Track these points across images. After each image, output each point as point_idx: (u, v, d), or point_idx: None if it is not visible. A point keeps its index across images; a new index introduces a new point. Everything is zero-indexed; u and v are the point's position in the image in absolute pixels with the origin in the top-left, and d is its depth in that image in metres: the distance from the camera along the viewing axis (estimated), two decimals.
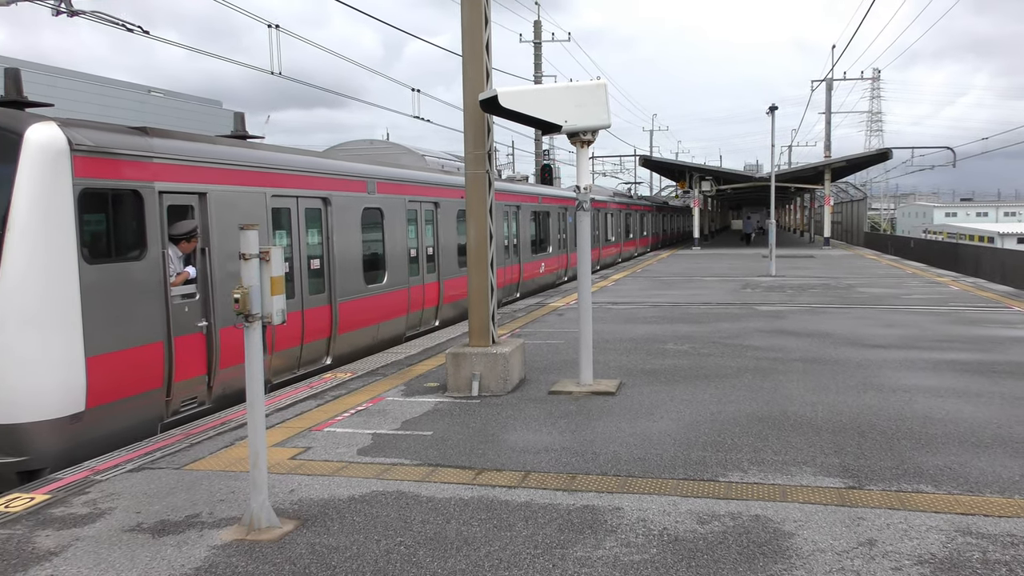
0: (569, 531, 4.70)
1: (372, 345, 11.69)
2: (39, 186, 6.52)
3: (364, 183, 11.59)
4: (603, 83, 8.16)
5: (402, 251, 12.70)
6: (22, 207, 6.43)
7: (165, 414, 7.79)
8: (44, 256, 6.52)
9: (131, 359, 7.27)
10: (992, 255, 31.71)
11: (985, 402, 7.58)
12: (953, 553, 4.30)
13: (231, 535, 4.74)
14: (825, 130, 49.12)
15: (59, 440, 6.60)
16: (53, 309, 6.57)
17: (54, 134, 6.69)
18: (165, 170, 7.74)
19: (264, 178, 9.24)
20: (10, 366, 6.34)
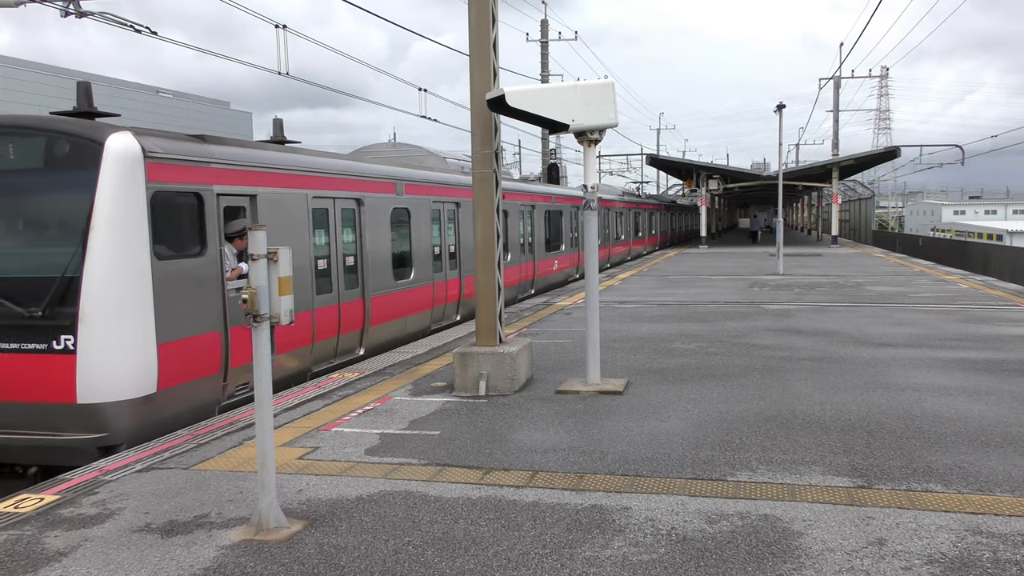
0: (577, 531, 4.69)
1: (400, 337, 12.27)
2: (118, 190, 7.14)
3: (393, 185, 12.26)
4: (610, 82, 8.15)
5: (427, 249, 13.36)
6: (103, 208, 7.06)
7: (222, 398, 8.38)
8: (122, 252, 7.15)
9: (194, 347, 7.89)
10: (1001, 253, 31.57)
11: (995, 401, 7.55)
12: (963, 553, 4.28)
13: (240, 535, 4.75)
14: (833, 128, 48.97)
15: (134, 419, 7.19)
16: (130, 300, 7.20)
17: (130, 143, 7.33)
18: (222, 174, 8.42)
19: (305, 181, 9.90)
20: (93, 352, 6.96)
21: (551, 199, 21.97)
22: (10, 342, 7.06)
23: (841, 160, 40.42)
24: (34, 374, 7.04)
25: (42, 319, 7.01)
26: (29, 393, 7.05)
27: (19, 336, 7.05)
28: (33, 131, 7.39)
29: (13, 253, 7.47)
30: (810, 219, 63.47)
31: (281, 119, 11.03)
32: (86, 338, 6.91)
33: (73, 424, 7.01)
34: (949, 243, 40.01)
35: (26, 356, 7.05)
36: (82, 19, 9.58)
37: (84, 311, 6.88)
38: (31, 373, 7.05)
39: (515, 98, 7.78)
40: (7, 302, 7.08)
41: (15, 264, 7.36)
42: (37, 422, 7.05)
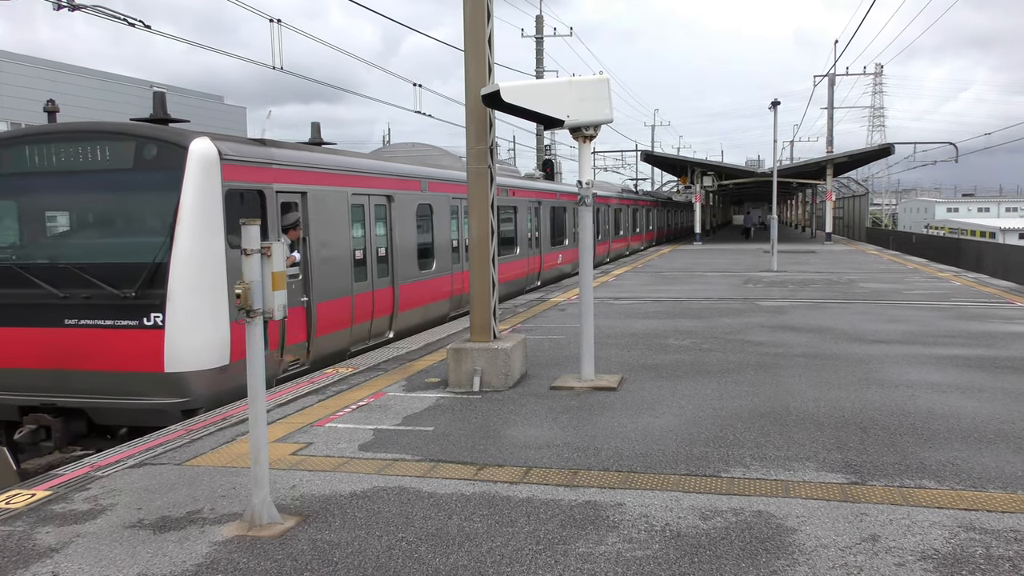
0: (571, 527, 4.69)
1: (423, 323, 13.26)
2: (199, 187, 8.14)
3: (418, 183, 13.31)
4: (605, 78, 8.13)
5: (447, 242, 14.43)
6: (188, 204, 8.04)
7: (278, 372, 9.30)
8: (203, 242, 8.16)
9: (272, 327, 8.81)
10: (994, 250, 31.67)
11: (988, 397, 7.57)
12: (956, 549, 4.29)
13: (233, 531, 4.73)
14: (827, 125, 49.06)
15: (211, 387, 8.17)
16: (209, 284, 8.19)
17: (209, 147, 8.36)
18: (279, 174, 9.45)
19: (345, 179, 10.94)
20: (179, 327, 7.96)
21: (556, 196, 22.74)
22: (106, 319, 8.06)
23: (835, 157, 40.49)
24: (127, 347, 8.04)
25: (134, 299, 7.99)
26: (122, 363, 8.04)
27: (114, 314, 8.05)
28: (125, 136, 8.36)
29: (109, 242, 8.50)
30: (804, 216, 63.59)
31: (318, 123, 11.89)
32: (173, 316, 7.89)
33: (160, 390, 7.99)
34: (943, 240, 40.13)
35: (120, 331, 8.06)
36: (73, 12, 9.53)
37: (171, 292, 7.84)
38: (124, 346, 8.04)
39: (510, 94, 7.75)
40: (104, 284, 8.03)
41: (110, 252, 8.35)
42: (129, 389, 8.07)
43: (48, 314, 8.20)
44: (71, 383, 8.16)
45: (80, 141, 8.39)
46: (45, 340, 8.22)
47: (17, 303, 8.28)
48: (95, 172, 8.33)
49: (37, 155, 8.45)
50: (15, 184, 8.60)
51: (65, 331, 8.16)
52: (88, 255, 8.33)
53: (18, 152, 8.52)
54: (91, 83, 44.27)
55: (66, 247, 8.64)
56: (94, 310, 8.10)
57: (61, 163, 8.39)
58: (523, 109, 7.95)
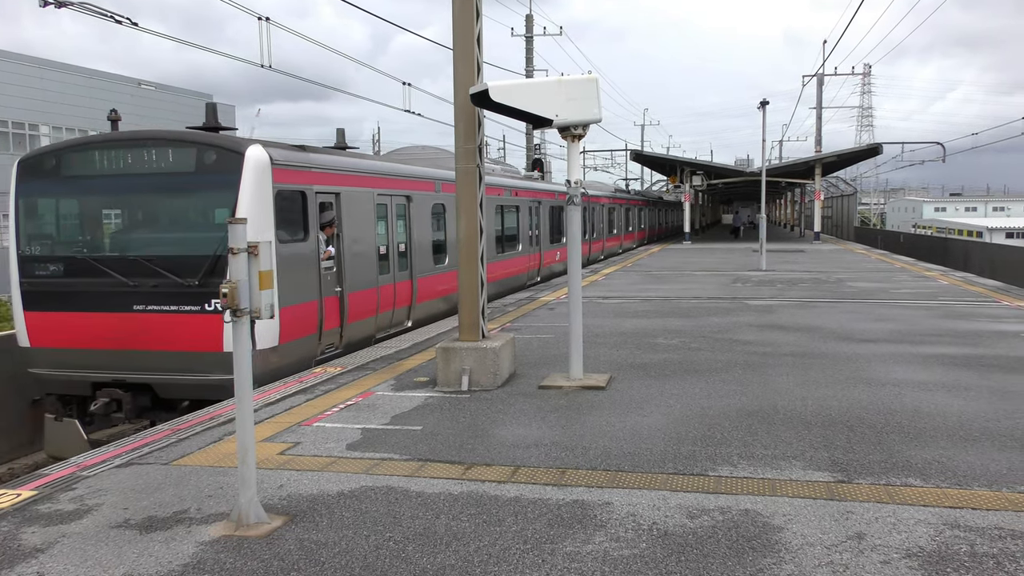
0: (559, 526, 4.69)
1: (437, 314, 14.14)
2: (255, 188, 9.12)
3: (433, 184, 14.23)
4: (594, 78, 8.13)
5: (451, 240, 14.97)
6: (244, 203, 8.98)
7: (316, 353, 10.29)
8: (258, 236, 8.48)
9: (301, 312, 9.88)
10: (981, 250, 31.90)
11: (974, 396, 7.61)
12: (941, 546, 4.31)
13: (219, 531, 4.71)
14: (816, 125, 49.24)
15: (264, 365, 9.04)
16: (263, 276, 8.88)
17: (262, 153, 9.35)
18: (318, 176, 10.37)
19: (371, 181, 11.94)
20: None
21: (554, 196, 23.70)
22: (171, 305, 9.06)
23: (824, 157, 40.64)
24: (190, 330, 9.04)
25: (197, 287, 8.97)
26: (186, 344, 9.04)
27: (179, 300, 9.05)
28: (188, 143, 9.36)
29: (174, 236, 9.42)
30: (793, 215, 63.83)
31: (343, 128, 12.70)
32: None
33: (219, 368, 8.79)
34: (930, 240, 40.35)
35: (184, 316, 9.07)
36: (60, 9, 9.46)
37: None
38: (188, 329, 9.04)
39: (499, 93, 7.75)
40: (171, 275, 9.02)
41: (176, 245, 9.26)
42: (191, 366, 9.06)
43: (118, 301, 9.20)
44: (138, 362, 9.20)
45: (146, 147, 9.38)
46: (115, 324, 9.23)
47: (90, 291, 9.29)
48: (161, 175, 9.31)
49: (107, 159, 9.43)
50: (88, 185, 9.58)
51: (134, 316, 9.19)
52: (155, 248, 9.30)
53: (89, 156, 9.55)
54: (78, 80, 43.97)
55: (135, 241, 9.58)
56: (161, 297, 9.12)
57: (129, 166, 9.37)
58: (512, 108, 7.94)
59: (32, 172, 9.72)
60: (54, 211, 10.09)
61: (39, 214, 10.05)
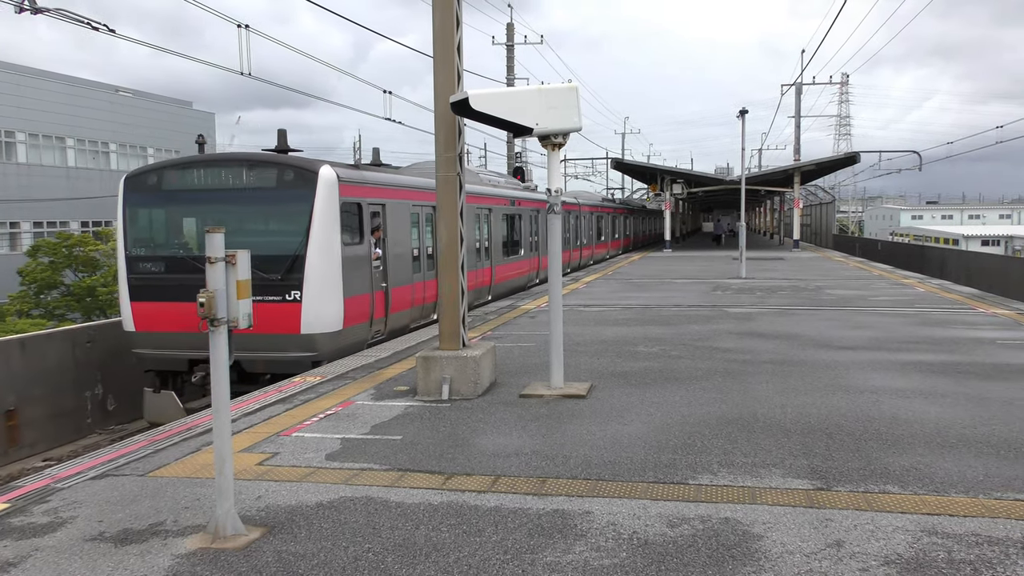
0: (539, 536, 4.68)
1: None
2: (326, 201, 11.11)
3: None
4: (574, 86, 8.16)
5: (472, 244, 17.14)
6: (318, 213, 11.01)
7: (368, 338, 12.21)
8: (327, 241, 11.10)
9: (358, 302, 11.82)
10: (957, 257, 32.23)
11: (950, 403, 7.68)
12: (919, 553, 4.34)
13: (196, 543, 4.66)
14: (795, 134, 49.68)
15: (330, 345, 11.13)
16: (331, 271, 11.16)
17: (331, 172, 11.34)
18: (369, 190, 12.31)
19: (407, 194, 13.98)
20: (311, 301, 10.92)
21: None
22: (258, 295, 10.06)
23: (802, 165, 40.95)
24: (273, 316, 10.77)
25: (279, 281, 10.86)
26: (269, 327, 10.59)
27: (263, 291, 10.53)
28: (271, 164, 11.42)
29: (262, 240, 11.19)
30: (773, 223, 64.25)
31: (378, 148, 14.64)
32: (307, 293, 10.56)
33: (296, 347, 10.89)
34: (907, 247, 40.76)
35: (268, 304, 10.79)
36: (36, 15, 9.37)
37: (307, 276, 10.38)
38: (271, 315, 10.72)
39: (479, 101, 7.75)
40: (257, 271, 10.19)
41: (261, 246, 10.65)
42: (275, 346, 10.92)
43: None
44: None
45: (235, 166, 11.42)
46: None
47: (188, 284, 10.64)
48: (247, 189, 11.29)
49: (202, 176, 11.40)
50: (185, 197, 11.55)
51: None
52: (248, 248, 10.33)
53: (187, 174, 11.54)
54: (54, 87, 43.56)
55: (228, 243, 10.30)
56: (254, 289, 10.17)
57: (221, 182, 11.38)
58: (492, 117, 7.95)
59: (136, 187, 11.72)
60: (155, 219, 12.01)
61: (143, 222, 11.98)
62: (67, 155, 44.22)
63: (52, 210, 41.58)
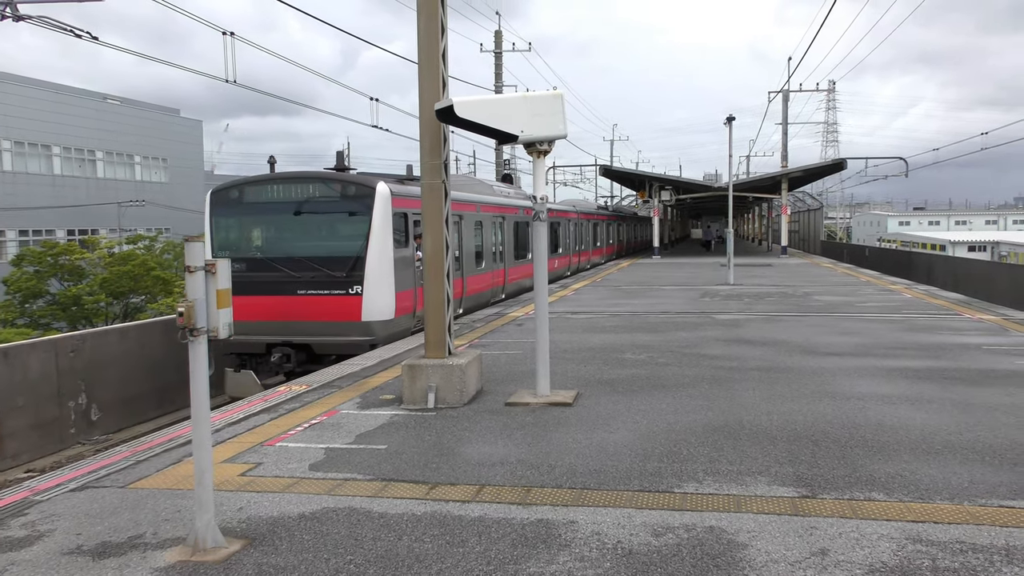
0: (522, 546, 4.63)
1: (477, 305, 18.34)
2: (382, 212, 13.10)
3: (475, 206, 18.53)
4: (560, 93, 8.14)
5: (490, 248, 19.52)
6: (376, 223, 13.00)
7: (411, 327, 14.00)
8: (383, 245, 13.08)
9: (405, 296, 13.70)
10: (944, 263, 32.40)
11: (936, 409, 7.68)
12: (904, 561, 4.32)
13: (175, 556, 4.59)
14: (782, 140, 49.87)
15: (384, 331, 13.10)
16: (385, 269, 13.09)
17: (385, 187, 13.30)
18: (412, 202, 13.70)
19: None
20: (370, 295, 12.85)
21: (552, 213, 27.54)
22: (325, 290, 12.98)
23: (790, 172, 41.14)
24: (338, 306, 12.94)
25: (344, 278, 12.93)
26: (334, 316, 12.92)
27: (330, 287, 12.96)
28: (335, 180, 13.55)
29: (329, 244, 13.34)
30: (761, 230, 64.46)
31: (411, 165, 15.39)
32: (367, 288, 12.42)
33: (357, 332, 12.85)
34: (895, 253, 40.94)
35: (334, 297, 12.98)
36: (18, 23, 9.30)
37: (366, 274, 12.22)
38: (336, 306, 12.94)
39: (464, 108, 7.73)
40: (326, 269, 12.98)
41: (328, 250, 13.18)
42: (338, 332, 12.91)
43: (287, 287, 13.09)
44: (301, 329, 13.05)
45: (305, 183, 13.56)
46: (285, 303, 13.08)
47: (267, 281, 13.10)
48: (315, 201, 13.39)
49: (277, 191, 13.54)
50: (263, 207, 13.61)
51: (298, 297, 13.10)
52: (314, 252, 13.18)
53: (265, 189, 13.69)
54: (40, 94, 43.33)
55: (298, 247, 13.35)
56: (317, 284, 13.02)
57: (293, 196, 13.44)
58: (477, 124, 7.92)
59: (220, 200, 13.79)
60: (237, 227, 13.99)
61: (226, 229, 13.89)
62: (53, 163, 43.97)
63: (38, 218, 41.33)
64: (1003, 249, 67.07)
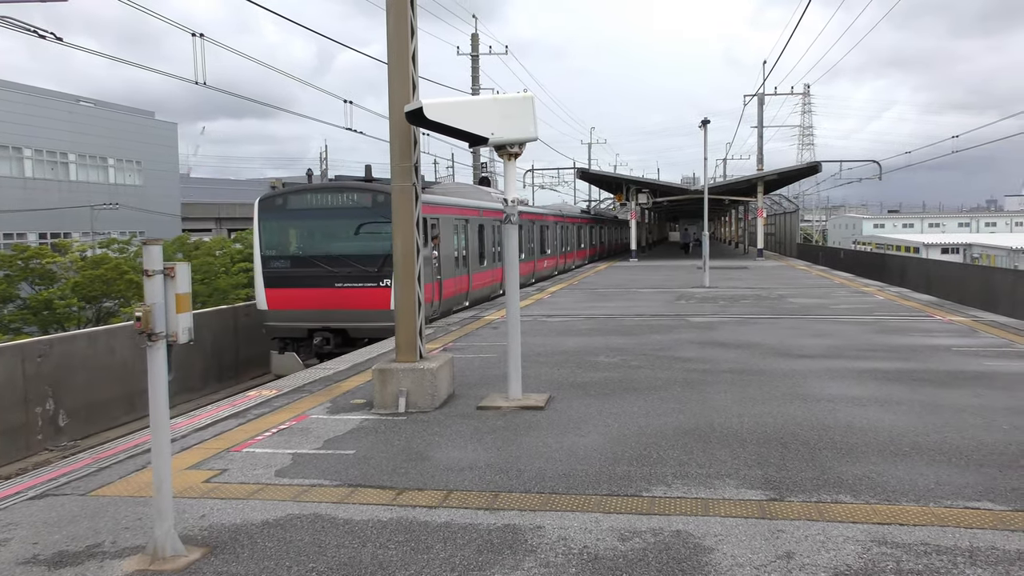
0: (488, 552, 4.59)
1: (482, 297, 20.96)
2: None
3: (478, 211, 20.99)
4: (530, 96, 8.12)
5: (491, 249, 21.93)
6: None
7: (431, 315, 16.22)
8: None
9: (428, 288, 15.41)
10: (917, 265, 32.73)
11: (905, 410, 7.72)
12: (868, 564, 4.31)
13: (134, 565, 4.51)
14: (758, 144, 50.19)
15: None
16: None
17: None
18: (431, 209, 16.36)
19: (450, 210, 18.66)
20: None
21: (544, 217, 31.65)
22: (359, 283, 15.00)
23: (765, 175, 41.40)
24: (371, 297, 14.96)
25: (376, 273, 14.98)
26: (367, 305, 14.94)
27: (364, 280, 15.01)
28: (366, 190, 15.40)
29: (362, 244, 15.27)
30: (737, 233, 64.83)
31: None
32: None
33: (387, 319, 13.45)
34: (869, 256, 41.32)
35: (367, 289, 15.05)
36: None
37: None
38: (369, 296, 14.98)
39: (433, 111, 7.68)
40: (359, 265, 15.03)
41: (363, 249, 15.18)
42: (371, 319, 14.82)
43: (326, 280, 15.26)
44: (338, 316, 15.20)
45: (339, 192, 15.71)
46: (324, 294, 15.27)
47: (309, 275, 15.37)
48: (350, 208, 15.48)
49: (317, 198, 15.66)
50: (304, 213, 15.72)
51: (335, 290, 15.22)
52: (349, 250, 15.32)
53: (306, 197, 15.77)
54: (11, 96, 42.73)
55: (336, 247, 15.56)
56: (353, 278, 15.09)
57: (330, 203, 15.56)
58: (447, 126, 7.87)
59: (267, 206, 15.86)
60: (283, 229, 16.02)
61: (273, 231, 15.94)
62: (24, 165, 43.37)
63: (9, 222, 40.74)
64: (975, 251, 67.90)
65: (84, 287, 28.60)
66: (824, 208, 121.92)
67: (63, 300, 27.61)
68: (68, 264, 30.46)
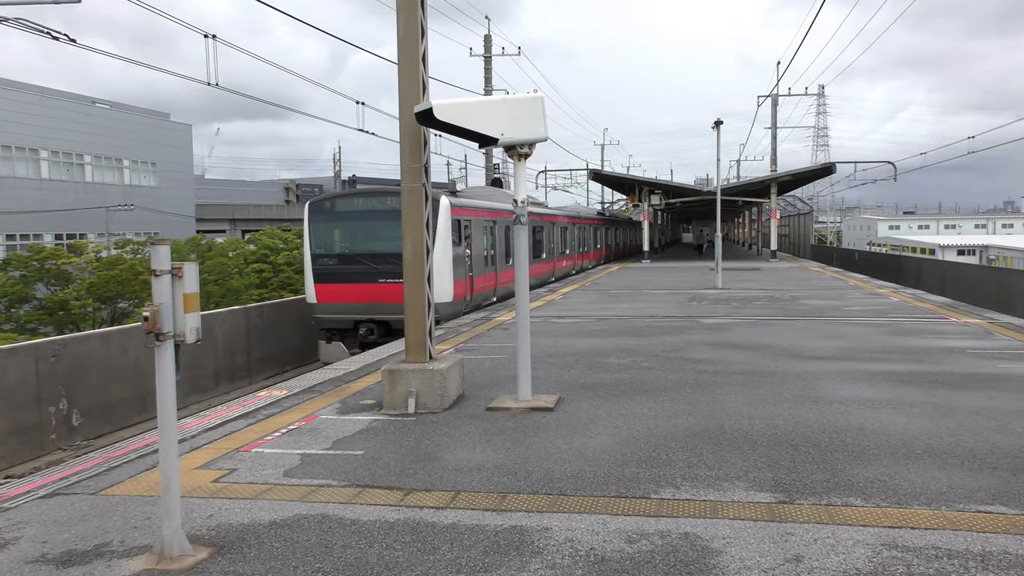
0: (494, 553, 4.57)
1: (508, 294, 21.54)
2: (445, 219, 16.81)
3: (503, 213, 21.61)
4: (540, 96, 8.09)
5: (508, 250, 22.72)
6: (440, 227, 16.36)
7: (463, 309, 17.71)
8: (445, 244, 16.58)
9: (460, 284, 17.44)
10: (933, 267, 32.46)
11: (918, 413, 7.65)
12: (878, 568, 4.27)
13: (141, 564, 4.52)
14: (771, 145, 49.97)
15: (446, 311, 16.29)
16: (446, 263, 16.53)
17: (447, 199, 17.14)
18: (463, 211, 18.14)
19: (480, 212, 19.94)
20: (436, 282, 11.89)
21: (562, 219, 32.79)
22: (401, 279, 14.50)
23: (779, 176, 41.18)
24: None
25: None
26: None
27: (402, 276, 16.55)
28: None
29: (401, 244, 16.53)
30: (751, 234, 64.55)
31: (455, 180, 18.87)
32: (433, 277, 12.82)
33: None
34: (884, 257, 41.04)
35: None
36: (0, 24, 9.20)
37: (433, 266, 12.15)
38: None
39: (443, 111, 7.67)
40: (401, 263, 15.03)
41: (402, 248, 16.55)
42: None
43: (371, 276, 16.75)
44: (380, 309, 16.53)
45: (383, 196, 17.47)
46: (368, 289, 16.71)
47: (356, 272, 16.90)
48: (391, 210, 15.91)
49: (362, 202, 17.68)
50: (350, 215, 17.46)
51: (379, 285, 16.57)
52: (391, 249, 15.51)
53: (351, 200, 17.92)
54: (28, 98, 43.08)
55: (379, 245, 16.81)
56: (395, 275, 15.42)
57: (374, 205, 17.38)
58: (457, 127, 7.86)
59: (316, 209, 17.68)
60: (330, 230, 17.65)
61: (321, 232, 17.59)
62: (41, 167, 43.72)
63: (25, 223, 41.09)
64: (992, 253, 67.38)
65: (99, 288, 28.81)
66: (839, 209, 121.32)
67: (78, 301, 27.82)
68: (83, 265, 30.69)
